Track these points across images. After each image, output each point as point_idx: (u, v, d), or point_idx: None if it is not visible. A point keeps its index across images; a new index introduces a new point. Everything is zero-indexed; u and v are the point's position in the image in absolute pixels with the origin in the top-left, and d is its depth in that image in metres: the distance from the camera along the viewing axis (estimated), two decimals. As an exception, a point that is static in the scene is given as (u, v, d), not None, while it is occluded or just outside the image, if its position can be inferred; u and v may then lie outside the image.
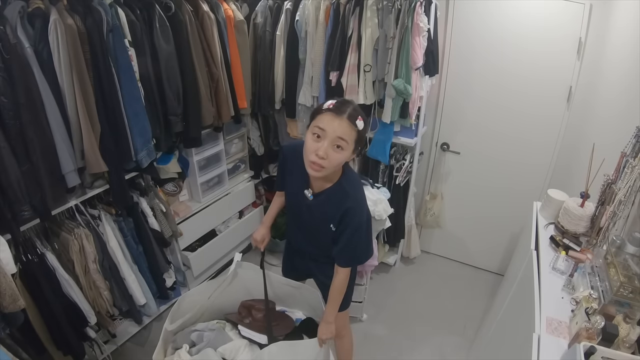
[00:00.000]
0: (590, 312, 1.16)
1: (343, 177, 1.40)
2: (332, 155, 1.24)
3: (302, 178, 1.42)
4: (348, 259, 1.48)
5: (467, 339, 2.44)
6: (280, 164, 1.59)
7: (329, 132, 1.22)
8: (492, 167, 2.68)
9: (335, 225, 1.41)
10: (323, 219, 1.44)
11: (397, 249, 2.96)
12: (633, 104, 1.63)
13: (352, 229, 1.38)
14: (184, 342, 1.52)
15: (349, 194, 1.38)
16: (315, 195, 1.43)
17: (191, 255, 2.50)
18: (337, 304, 1.54)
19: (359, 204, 1.39)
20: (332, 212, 1.40)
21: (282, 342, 1.47)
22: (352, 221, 1.37)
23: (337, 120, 1.22)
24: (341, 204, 1.37)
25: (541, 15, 2.19)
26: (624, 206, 1.36)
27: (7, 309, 1.39)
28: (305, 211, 1.49)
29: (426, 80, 2.31)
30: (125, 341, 2.30)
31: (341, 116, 1.22)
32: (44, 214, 1.64)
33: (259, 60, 2.54)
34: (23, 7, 1.44)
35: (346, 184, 1.40)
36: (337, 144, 1.23)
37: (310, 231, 1.57)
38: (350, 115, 1.23)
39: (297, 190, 1.47)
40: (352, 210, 1.36)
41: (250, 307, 1.64)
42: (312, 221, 1.50)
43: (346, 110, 1.24)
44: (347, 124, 1.22)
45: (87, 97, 1.63)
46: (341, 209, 1.37)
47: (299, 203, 1.49)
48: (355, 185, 1.44)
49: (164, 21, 1.85)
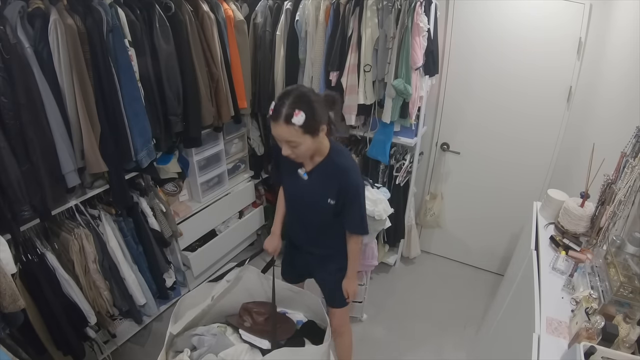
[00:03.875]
0: (590, 312, 1.17)
1: (331, 151, 1.47)
2: (295, 151, 1.33)
3: (293, 163, 1.48)
4: (357, 224, 1.55)
5: (467, 339, 2.44)
6: (273, 155, 1.64)
7: (278, 138, 1.32)
8: (492, 167, 2.68)
9: (334, 198, 1.47)
10: (321, 196, 1.49)
11: (397, 249, 2.96)
12: (633, 104, 1.63)
13: (351, 198, 1.47)
14: (185, 346, 1.52)
15: (339, 164, 1.46)
16: (309, 173, 1.50)
17: (191, 255, 2.50)
18: (357, 264, 1.68)
19: (351, 171, 1.47)
20: (328, 185, 1.47)
21: (284, 349, 1.46)
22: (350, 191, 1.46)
23: (276, 127, 1.28)
24: (335, 175, 1.46)
25: (541, 15, 2.19)
26: (624, 206, 1.36)
27: (7, 309, 1.39)
28: (303, 194, 1.55)
29: (426, 80, 2.31)
30: (125, 341, 2.30)
31: (277, 122, 1.26)
32: (44, 214, 1.64)
33: (259, 60, 2.54)
34: (23, 7, 1.44)
35: (335, 155, 1.48)
36: (290, 145, 1.31)
37: (309, 220, 1.61)
38: (286, 115, 1.24)
39: (292, 174, 1.53)
40: (347, 180, 1.45)
41: (252, 310, 1.64)
42: (310, 204, 1.55)
43: (281, 112, 1.25)
44: (284, 127, 1.26)
45: (87, 97, 1.63)
46: (336, 180, 1.45)
47: (295, 188, 1.55)
48: (344, 154, 1.52)
49: (164, 21, 1.85)
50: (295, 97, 1.27)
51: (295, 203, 1.64)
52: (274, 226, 1.77)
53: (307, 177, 1.51)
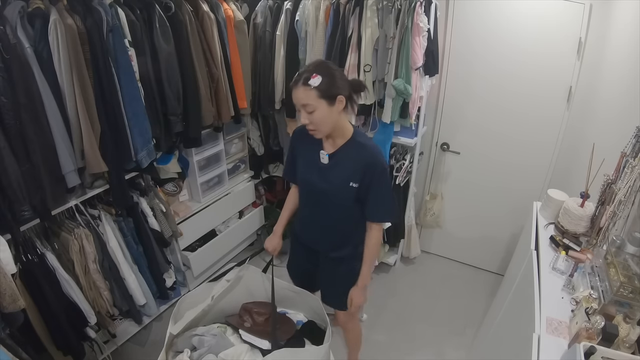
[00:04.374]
0: (590, 312, 1.16)
1: (355, 134, 1.48)
2: (311, 118, 1.36)
3: (315, 147, 1.51)
4: (383, 212, 1.53)
5: (467, 339, 2.44)
6: (290, 147, 1.65)
7: (297, 104, 1.37)
8: (492, 167, 2.68)
9: (358, 181, 1.45)
10: (342, 179, 1.47)
11: (397, 249, 2.96)
12: (633, 104, 1.63)
13: (377, 178, 1.44)
14: (185, 347, 1.52)
15: (364, 145, 1.46)
16: (330, 156, 1.49)
17: (191, 255, 2.50)
18: (373, 264, 1.60)
19: (376, 152, 1.46)
20: (352, 166, 1.45)
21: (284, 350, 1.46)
22: (378, 168, 1.44)
23: (295, 91, 1.35)
24: (359, 156, 1.44)
25: (541, 15, 2.19)
26: (624, 206, 1.36)
27: (7, 309, 1.39)
28: (323, 181, 1.50)
29: (426, 80, 2.31)
30: (125, 341, 2.30)
31: (296, 86, 1.34)
32: (44, 214, 1.64)
33: (259, 60, 2.54)
34: (23, 7, 1.44)
35: (359, 138, 1.48)
36: (306, 110, 1.35)
37: (326, 213, 1.57)
38: (304, 79, 1.32)
39: (312, 160, 1.52)
40: (373, 159, 1.43)
41: (252, 310, 1.64)
42: (331, 191, 1.50)
43: (301, 77, 1.33)
44: (302, 89, 1.33)
45: (87, 97, 1.63)
46: (361, 161, 1.43)
47: (314, 174, 1.52)
48: (368, 138, 1.53)
49: (164, 21, 1.85)
50: (316, 65, 1.38)
51: (313, 193, 1.57)
52: (277, 225, 1.74)
53: (329, 161, 1.48)
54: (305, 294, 1.68)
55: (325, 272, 1.71)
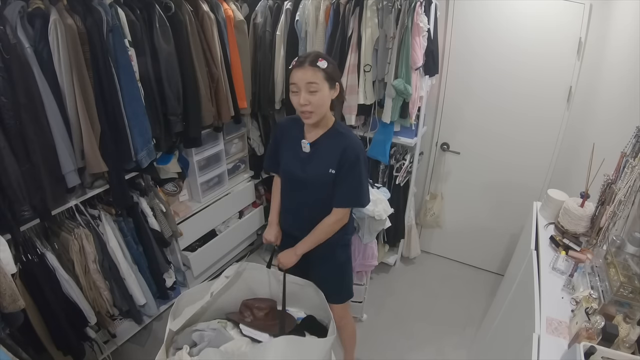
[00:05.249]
0: (590, 312, 1.17)
1: (336, 124, 1.55)
2: (311, 99, 1.40)
3: (297, 137, 1.56)
4: (348, 198, 1.56)
5: (467, 339, 2.44)
6: (274, 139, 1.69)
7: (300, 83, 1.41)
8: (492, 167, 2.68)
9: (335, 167, 1.50)
10: (322, 166, 1.52)
11: (397, 249, 2.96)
12: (633, 104, 1.63)
13: (350, 164, 1.49)
14: (185, 343, 1.52)
15: (344, 134, 1.53)
16: (312, 144, 1.54)
17: (191, 255, 2.50)
18: (315, 242, 1.61)
19: (354, 141, 1.51)
20: (331, 153, 1.50)
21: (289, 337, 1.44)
22: (351, 156, 1.48)
23: (301, 70, 1.40)
24: (338, 144, 1.50)
25: (541, 15, 2.19)
26: (624, 206, 1.36)
27: (7, 309, 1.39)
28: (303, 169, 1.55)
29: (426, 80, 2.31)
30: (125, 341, 2.30)
31: (303, 66, 1.40)
32: (44, 214, 1.64)
33: (259, 60, 2.54)
34: (23, 7, 1.44)
35: (340, 127, 1.55)
36: (310, 89, 1.40)
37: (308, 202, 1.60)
38: (311, 61, 1.39)
39: (293, 149, 1.58)
40: (349, 147, 1.48)
41: (252, 306, 1.64)
42: (311, 178, 1.55)
43: (307, 59, 1.40)
44: (310, 68, 1.39)
45: (87, 97, 1.63)
46: (339, 148, 1.48)
47: (296, 163, 1.57)
48: (348, 129, 1.58)
49: (164, 21, 1.85)
50: (317, 53, 1.46)
51: (294, 182, 1.61)
52: (271, 216, 1.76)
53: (310, 149, 1.53)
54: (309, 285, 1.66)
55: (314, 265, 1.72)
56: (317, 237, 1.60)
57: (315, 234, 1.60)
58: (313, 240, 1.61)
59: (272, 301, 1.67)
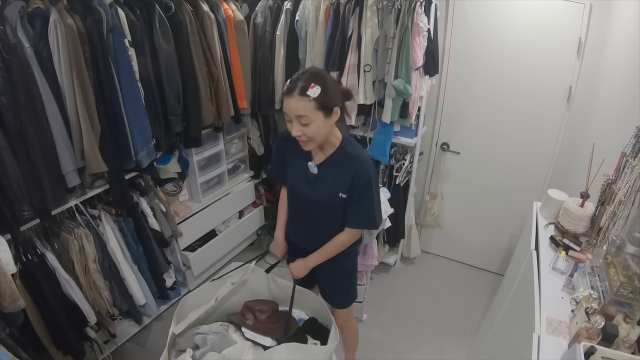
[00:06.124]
0: (590, 312, 1.16)
1: (344, 142, 1.45)
2: (305, 130, 1.29)
3: (303, 157, 1.47)
4: (360, 220, 1.50)
5: (467, 339, 2.44)
6: (277, 150, 1.61)
7: (289, 114, 1.29)
8: (492, 167, 2.68)
9: (346, 191, 1.42)
10: (331, 189, 1.44)
11: (397, 249, 2.96)
12: (633, 104, 1.63)
13: (363, 186, 1.40)
14: (187, 346, 1.52)
15: (352, 155, 1.42)
16: (319, 165, 1.45)
17: (191, 255, 2.50)
18: (327, 256, 1.57)
19: (365, 162, 1.42)
20: (340, 177, 1.42)
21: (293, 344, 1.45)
22: (363, 178, 1.40)
23: (290, 100, 1.27)
24: (348, 167, 1.40)
25: (541, 15, 2.19)
26: (624, 206, 1.36)
27: (7, 309, 1.39)
28: (312, 191, 1.48)
29: (426, 80, 2.31)
30: (125, 341, 2.30)
31: (291, 95, 1.26)
32: (44, 214, 1.64)
33: (259, 60, 2.54)
34: (23, 7, 1.44)
35: (348, 147, 1.44)
36: (300, 122, 1.28)
37: (316, 221, 1.56)
38: (301, 89, 1.25)
39: (301, 170, 1.49)
40: (360, 170, 1.39)
41: (254, 308, 1.64)
42: (320, 201, 1.48)
43: (296, 86, 1.26)
44: (299, 99, 1.25)
45: (87, 97, 1.63)
46: (350, 172, 1.40)
47: (304, 185, 1.50)
48: (357, 147, 1.48)
49: (164, 21, 1.85)
50: (312, 74, 1.30)
51: (303, 203, 1.56)
52: (277, 232, 1.73)
53: (318, 171, 1.45)
54: (309, 294, 1.68)
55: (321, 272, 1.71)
56: (329, 252, 1.57)
57: (327, 249, 1.56)
58: (325, 255, 1.57)
59: (274, 303, 1.67)
